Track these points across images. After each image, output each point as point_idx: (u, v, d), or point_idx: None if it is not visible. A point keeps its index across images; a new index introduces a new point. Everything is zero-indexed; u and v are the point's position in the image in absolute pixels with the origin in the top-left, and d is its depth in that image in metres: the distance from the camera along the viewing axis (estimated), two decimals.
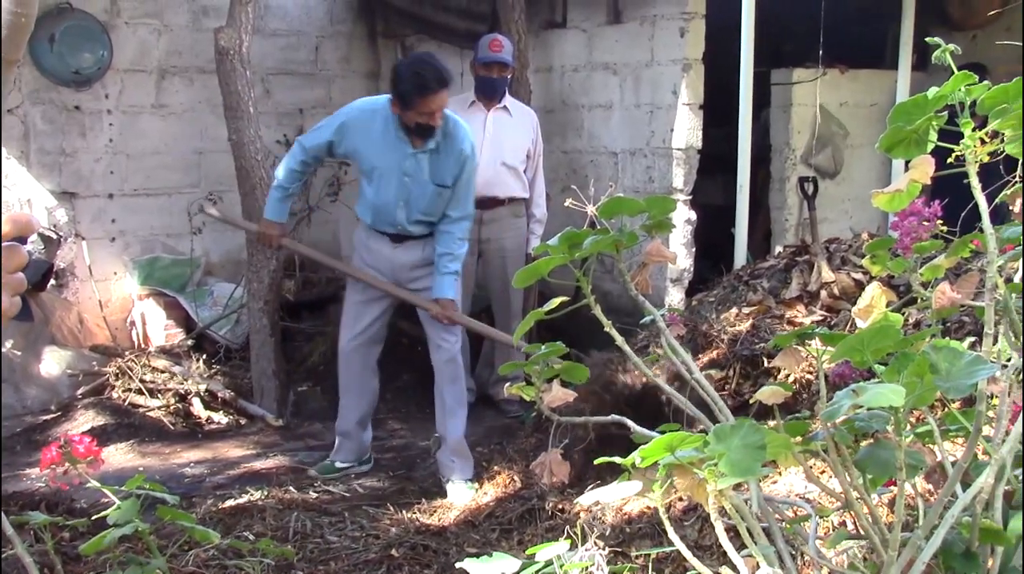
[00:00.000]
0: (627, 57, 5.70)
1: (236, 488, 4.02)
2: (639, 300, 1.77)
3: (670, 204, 1.78)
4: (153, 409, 5.01)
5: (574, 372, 1.98)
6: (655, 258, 1.79)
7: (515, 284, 1.79)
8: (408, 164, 4.05)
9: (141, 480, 2.07)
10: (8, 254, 1.07)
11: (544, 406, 1.94)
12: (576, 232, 1.76)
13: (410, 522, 3.76)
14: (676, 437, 1.19)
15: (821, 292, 4.11)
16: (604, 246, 1.72)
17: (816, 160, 6.15)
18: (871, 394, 1.28)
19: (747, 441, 1.16)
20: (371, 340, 4.35)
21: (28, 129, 5.74)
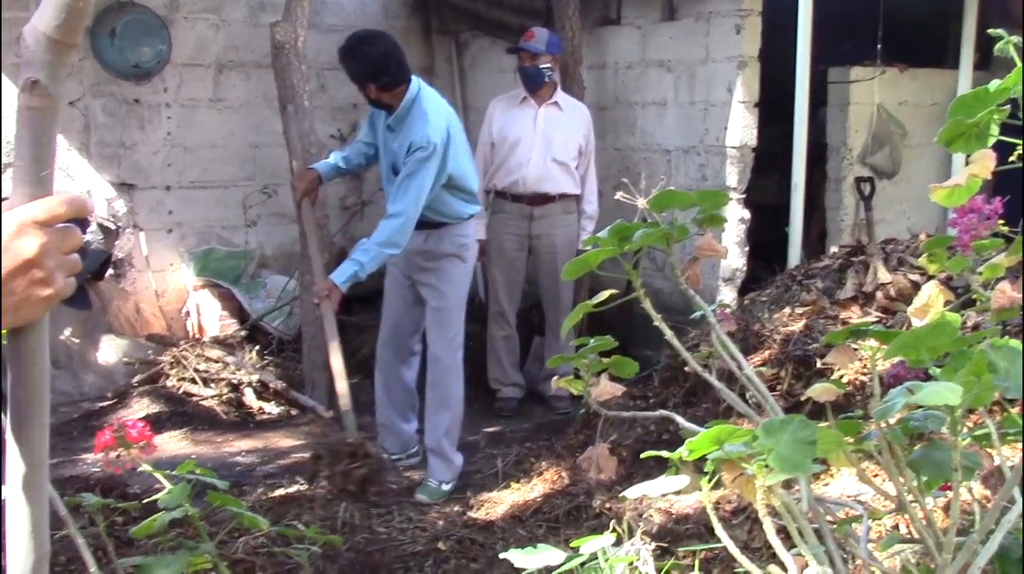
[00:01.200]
0: (681, 54, 5.65)
1: (286, 478, 4.06)
2: (689, 294, 1.76)
3: (722, 198, 1.76)
4: (206, 398, 5.08)
5: (623, 367, 1.96)
6: (706, 252, 1.77)
7: (564, 276, 1.78)
8: (386, 140, 4.11)
9: (192, 466, 2.10)
10: (63, 235, 1.09)
11: (592, 400, 1.93)
12: (626, 225, 1.75)
13: (457, 515, 3.77)
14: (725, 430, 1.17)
15: (877, 293, 4.04)
16: (654, 239, 1.71)
17: (873, 160, 6.05)
18: (926, 392, 1.25)
19: (797, 436, 1.14)
20: (400, 334, 4.31)
21: (89, 121, 5.85)
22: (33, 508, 1.15)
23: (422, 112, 3.96)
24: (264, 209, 6.41)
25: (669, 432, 3.56)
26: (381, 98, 3.98)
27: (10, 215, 1.06)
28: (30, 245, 1.05)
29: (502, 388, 5.38)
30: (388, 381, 4.34)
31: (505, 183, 5.19)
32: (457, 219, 4.17)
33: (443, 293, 4.17)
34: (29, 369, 1.14)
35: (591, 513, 3.71)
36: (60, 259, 1.08)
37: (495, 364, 5.40)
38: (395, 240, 3.93)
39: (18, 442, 1.14)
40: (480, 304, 6.72)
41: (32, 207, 1.07)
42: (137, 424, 2.30)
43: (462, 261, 4.20)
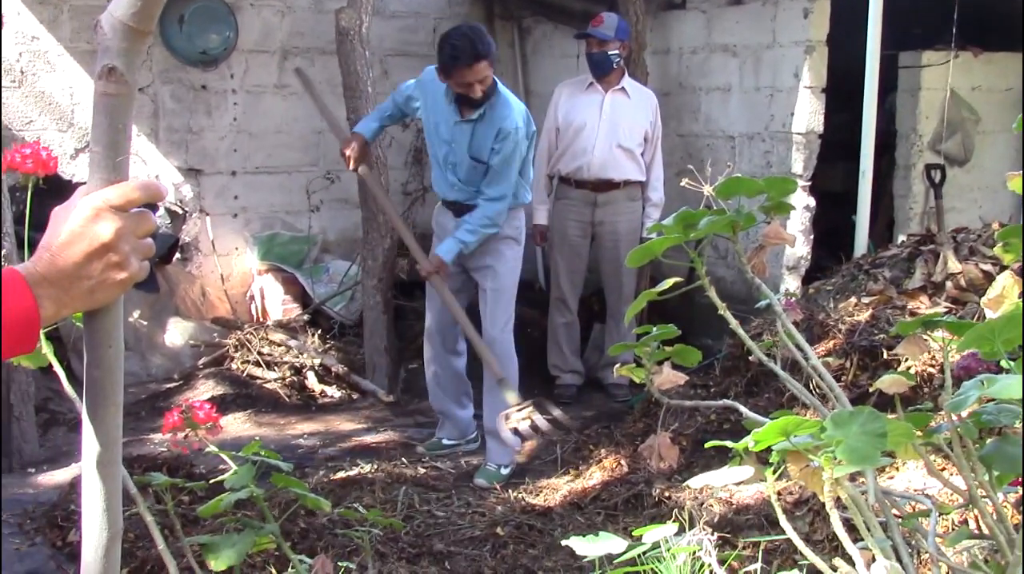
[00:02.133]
0: (747, 39, 5.58)
1: (347, 460, 4.11)
2: (755, 283, 1.73)
3: (790, 185, 1.73)
4: (270, 381, 5.15)
5: (685, 355, 1.95)
6: (773, 240, 1.74)
7: (628, 263, 1.76)
8: (455, 131, 4.10)
9: (257, 447, 2.13)
10: (137, 220, 1.11)
11: (654, 388, 1.92)
12: (692, 212, 1.73)
13: (516, 501, 3.78)
14: (792, 421, 1.16)
15: (947, 283, 3.95)
16: (720, 227, 1.68)
17: (945, 147, 5.91)
18: (1001, 385, 1.22)
19: (867, 428, 1.12)
20: (447, 322, 4.29)
21: (158, 107, 5.95)
22: (107, 486, 1.18)
23: (505, 99, 4.10)
24: (327, 194, 6.47)
25: (730, 422, 3.53)
26: (488, 82, 3.99)
27: (87, 200, 1.08)
28: (106, 229, 1.07)
29: (562, 375, 5.38)
30: (438, 371, 4.36)
31: (569, 169, 5.17)
32: (520, 204, 4.27)
33: (500, 274, 4.21)
34: (104, 350, 1.17)
35: (650, 501, 3.70)
36: (135, 243, 1.10)
37: (555, 351, 5.40)
38: (496, 221, 4.13)
39: (93, 422, 1.18)
40: (541, 291, 6.73)
41: (108, 192, 1.09)
42: (204, 405, 2.34)
43: (517, 244, 4.28)
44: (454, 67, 3.90)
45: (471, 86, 3.94)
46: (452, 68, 3.91)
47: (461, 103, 4.06)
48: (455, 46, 3.89)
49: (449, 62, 3.91)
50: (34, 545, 3.32)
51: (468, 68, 3.90)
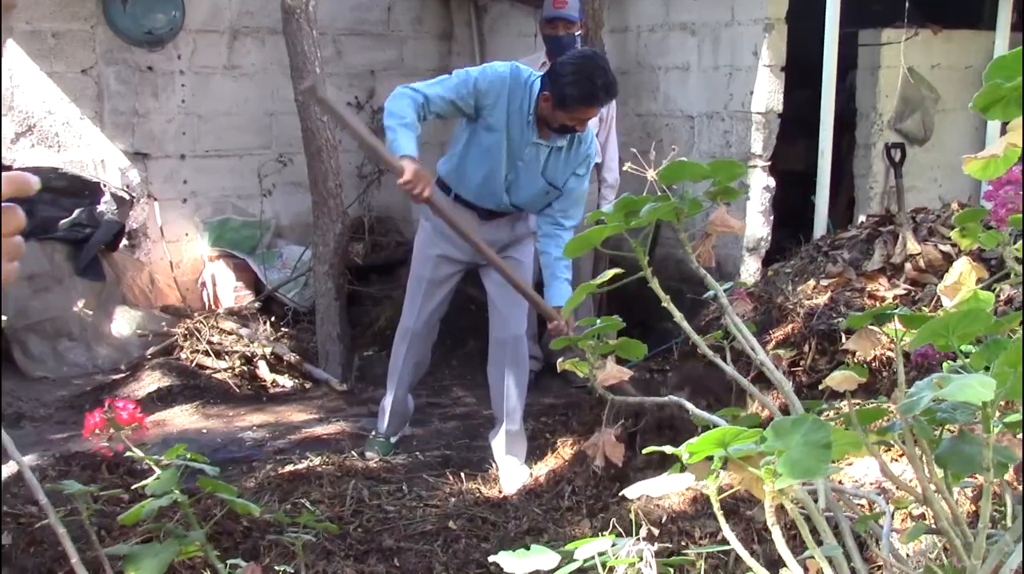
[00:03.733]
0: (706, 16, 5.48)
1: (297, 453, 3.99)
2: (701, 273, 1.64)
3: (738, 169, 1.64)
4: (219, 371, 5.01)
5: (630, 348, 1.85)
6: (720, 228, 1.65)
7: (563, 254, 1.67)
8: (528, 151, 3.65)
9: (182, 449, 2.01)
10: (6, 216, 0.98)
11: (597, 384, 1.82)
12: (633, 199, 1.63)
13: (468, 493, 3.68)
14: (729, 431, 1.06)
15: (905, 265, 3.90)
16: (663, 214, 1.59)
17: (904, 125, 5.86)
18: (956, 386, 1.13)
19: (810, 438, 1.02)
20: (436, 321, 4.09)
21: (102, 89, 5.76)
22: None
23: (590, 130, 3.77)
24: (280, 178, 6.32)
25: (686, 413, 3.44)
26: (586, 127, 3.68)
27: None
28: None
29: None
30: (417, 368, 4.12)
31: None
32: None
33: (527, 266, 3.97)
34: None
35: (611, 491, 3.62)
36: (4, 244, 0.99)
37: None
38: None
39: None
40: None
41: None
42: (128, 405, 2.22)
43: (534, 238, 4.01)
44: (584, 105, 3.48)
45: (585, 123, 3.60)
46: (579, 105, 3.47)
47: (545, 125, 3.61)
48: (594, 84, 3.44)
49: (582, 99, 3.45)
50: None
51: (598, 107, 3.57)
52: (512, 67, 3.67)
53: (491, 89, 3.58)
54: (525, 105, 3.59)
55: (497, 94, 3.58)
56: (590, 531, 3.28)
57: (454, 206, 3.77)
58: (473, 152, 3.71)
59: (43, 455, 3.71)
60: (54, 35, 5.57)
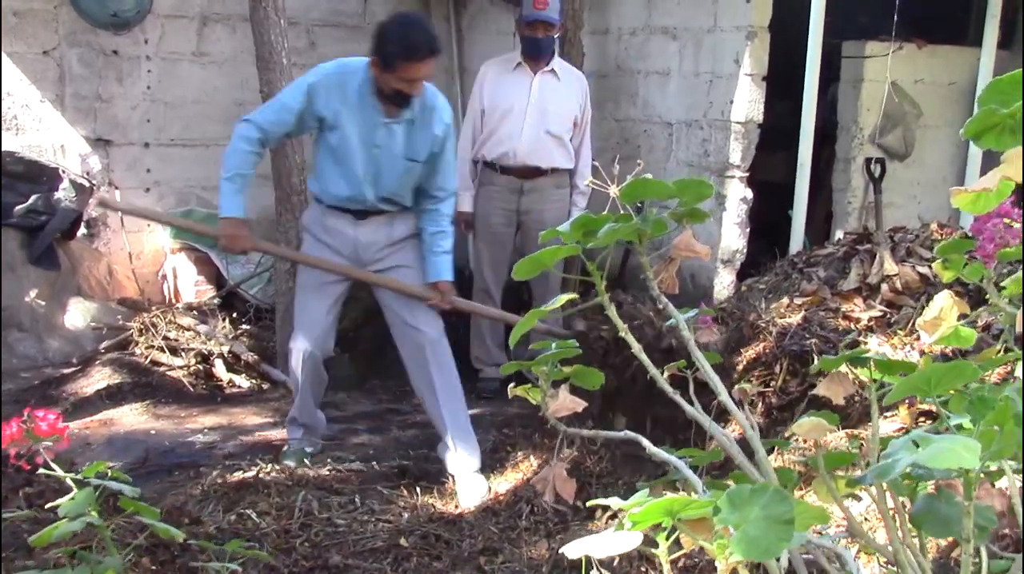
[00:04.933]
0: (688, 21, 5.36)
1: (247, 459, 3.83)
2: (661, 302, 1.51)
3: (705, 189, 1.51)
4: (174, 368, 4.85)
5: (586, 377, 1.72)
6: (684, 253, 1.52)
7: (515, 276, 1.53)
8: (380, 134, 3.64)
9: (102, 466, 1.86)
10: None
11: (549, 414, 1.69)
12: (591, 218, 1.50)
13: (423, 508, 3.54)
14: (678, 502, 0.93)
15: (882, 285, 3.79)
16: (624, 235, 1.46)
17: (885, 140, 5.76)
18: (936, 450, 1.00)
19: (771, 512, 0.89)
20: (329, 330, 3.92)
21: (64, 72, 5.58)
22: None
23: (434, 91, 3.73)
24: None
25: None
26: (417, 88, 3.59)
27: None
28: None
29: (484, 368, 5.15)
30: (316, 384, 4.00)
31: (494, 154, 4.90)
32: None
33: (417, 270, 3.88)
34: None
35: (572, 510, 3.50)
36: None
37: (478, 343, 5.16)
38: (453, 216, 3.91)
39: None
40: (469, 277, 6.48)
41: None
42: (48, 415, 2.07)
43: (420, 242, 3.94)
44: (406, 61, 3.44)
45: (414, 83, 3.52)
46: (402, 61, 3.44)
47: (387, 101, 3.59)
48: (410, 38, 3.44)
49: (402, 53, 3.43)
50: None
51: (421, 63, 3.46)
52: (337, 62, 3.73)
53: (320, 86, 3.62)
54: (364, 88, 3.61)
55: (327, 89, 3.62)
56: (547, 553, 3.16)
57: (327, 212, 3.81)
58: (326, 157, 3.74)
59: None
60: (15, 14, 5.38)
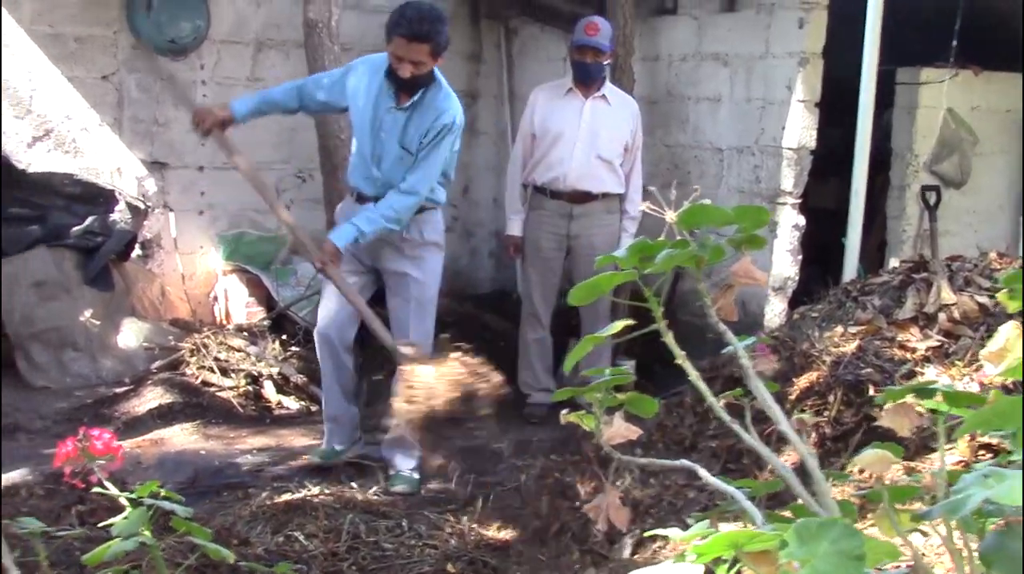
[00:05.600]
0: (740, 48, 5.34)
1: (295, 481, 3.85)
2: (720, 329, 1.49)
3: (764, 216, 1.48)
4: (224, 389, 4.89)
5: (641, 404, 1.70)
6: (743, 279, 1.50)
7: (571, 301, 1.52)
8: (387, 119, 3.84)
9: (155, 486, 1.87)
10: None
11: (603, 442, 1.67)
12: (648, 243, 1.48)
13: (470, 533, 3.52)
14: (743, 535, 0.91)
15: (939, 315, 3.70)
16: (681, 261, 1.44)
17: (940, 168, 5.69)
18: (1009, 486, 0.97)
19: (840, 547, 0.87)
20: (347, 320, 4.06)
21: (122, 97, 5.69)
22: None
23: (446, 90, 3.88)
24: (298, 194, 6.21)
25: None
26: (423, 69, 3.74)
27: None
28: None
29: (533, 393, 5.13)
30: (339, 372, 4.13)
31: (545, 179, 4.91)
32: (438, 204, 4.05)
33: (424, 284, 3.99)
34: None
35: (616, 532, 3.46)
36: None
37: (526, 367, 5.15)
38: (402, 216, 3.86)
39: None
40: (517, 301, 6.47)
41: None
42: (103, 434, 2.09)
43: (440, 250, 4.09)
44: (393, 32, 3.69)
45: (401, 61, 3.69)
46: (391, 32, 3.71)
47: (400, 88, 3.79)
48: (404, 14, 3.69)
49: (391, 25, 3.72)
50: None
51: (404, 41, 3.66)
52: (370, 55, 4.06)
53: (358, 65, 3.95)
54: (382, 76, 3.82)
55: (362, 68, 3.92)
56: None
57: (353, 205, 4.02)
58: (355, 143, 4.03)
59: (33, 470, 3.59)
60: (76, 39, 5.50)
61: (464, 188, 6.89)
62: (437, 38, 3.69)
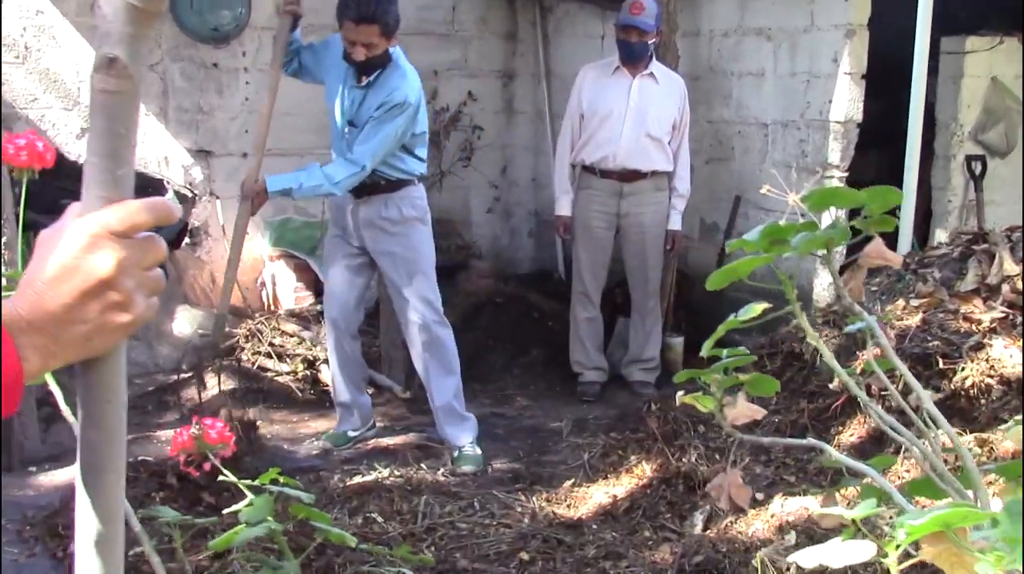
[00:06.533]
0: (783, 22, 5.32)
1: (364, 463, 3.91)
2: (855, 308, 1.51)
3: (895, 196, 1.50)
4: (282, 374, 4.94)
5: (761, 384, 1.73)
6: (876, 260, 1.51)
7: (709, 286, 1.54)
8: (350, 95, 3.97)
9: (276, 473, 1.92)
10: (144, 248, 0.89)
11: (726, 423, 1.70)
12: (779, 226, 1.50)
13: (541, 512, 3.57)
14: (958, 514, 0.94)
15: (1002, 286, 3.72)
16: (817, 245, 1.46)
17: (986, 137, 5.66)
18: None
19: None
20: (353, 303, 4.20)
21: (167, 86, 5.72)
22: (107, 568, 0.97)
23: (402, 70, 3.95)
24: None
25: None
26: (376, 51, 3.82)
27: (81, 224, 0.87)
28: (105, 262, 0.85)
29: (585, 372, 5.17)
30: (344, 357, 4.23)
31: (594, 158, 4.93)
32: (411, 176, 4.11)
33: (412, 260, 4.07)
34: (103, 407, 0.95)
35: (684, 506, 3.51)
36: (140, 277, 0.89)
37: (578, 347, 5.18)
38: (343, 183, 3.94)
39: (90, 492, 0.96)
40: (560, 280, 6.50)
41: (107, 214, 0.87)
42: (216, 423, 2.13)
43: (423, 224, 4.15)
44: (342, 16, 3.82)
45: (354, 45, 3.80)
46: (341, 17, 3.83)
47: (358, 71, 3.90)
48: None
49: (340, 9, 3.84)
50: (33, 556, 3.12)
51: (352, 24, 3.76)
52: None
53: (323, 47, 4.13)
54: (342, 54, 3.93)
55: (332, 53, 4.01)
56: (670, 557, 3.17)
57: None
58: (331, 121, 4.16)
59: None
60: None
61: (503, 168, 6.91)
62: (385, 18, 3.76)
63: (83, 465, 0.96)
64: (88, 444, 0.96)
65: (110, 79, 0.87)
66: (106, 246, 0.86)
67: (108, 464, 0.96)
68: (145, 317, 0.91)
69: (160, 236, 0.95)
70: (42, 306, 0.85)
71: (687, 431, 3.90)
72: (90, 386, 0.95)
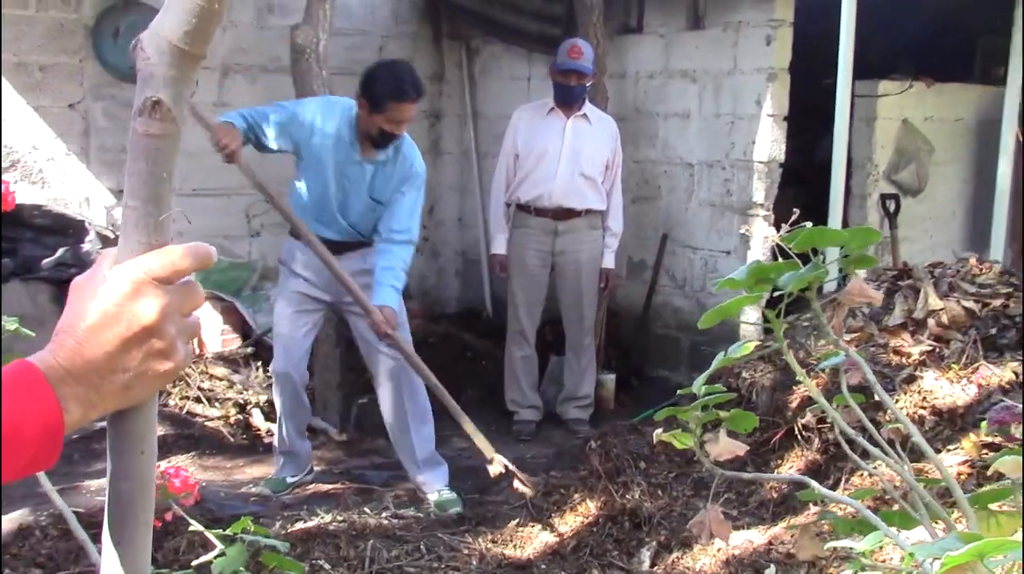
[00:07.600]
0: (707, 65, 5.48)
1: (304, 509, 3.83)
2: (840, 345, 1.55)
3: (873, 236, 1.56)
4: (212, 419, 4.83)
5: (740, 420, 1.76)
6: (857, 298, 1.57)
7: (701, 324, 1.57)
8: (352, 171, 3.91)
9: (247, 523, 1.87)
10: (185, 294, 0.88)
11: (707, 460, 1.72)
12: (765, 266, 1.55)
13: (488, 553, 3.54)
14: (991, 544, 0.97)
15: (928, 320, 3.86)
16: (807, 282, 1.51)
17: (899, 176, 5.90)
18: None
19: None
20: (304, 356, 4.18)
21: (89, 125, 5.59)
22: None
23: (410, 140, 4.00)
24: (268, 219, 6.15)
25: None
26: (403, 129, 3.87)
27: (123, 270, 0.85)
28: (149, 308, 0.83)
29: (520, 410, 5.17)
30: (297, 409, 4.19)
31: (529, 197, 4.98)
32: None
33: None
34: (134, 457, 0.92)
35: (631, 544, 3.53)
36: (181, 323, 0.87)
37: (513, 385, 5.19)
38: (410, 264, 4.00)
39: (118, 544, 0.93)
40: (488, 319, 6.52)
41: (149, 260, 0.85)
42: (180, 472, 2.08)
43: None
44: (395, 102, 3.72)
45: (400, 124, 3.79)
46: (391, 102, 3.72)
47: (366, 141, 3.86)
48: (401, 79, 3.74)
49: (392, 95, 3.71)
50: None
51: (409, 104, 3.77)
52: (322, 98, 4.13)
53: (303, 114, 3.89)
54: (344, 125, 3.86)
55: (310, 118, 3.88)
56: None
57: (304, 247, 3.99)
58: (303, 186, 4.04)
59: (36, 510, 3.50)
60: (41, 68, 5.40)
61: (429, 208, 6.90)
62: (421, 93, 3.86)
63: (111, 517, 0.94)
64: (118, 495, 0.93)
65: (154, 123, 0.86)
66: (150, 292, 0.84)
67: (139, 517, 0.93)
68: (185, 364, 0.89)
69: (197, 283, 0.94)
70: (82, 355, 0.83)
71: (629, 467, 3.93)
72: (121, 436, 0.92)
